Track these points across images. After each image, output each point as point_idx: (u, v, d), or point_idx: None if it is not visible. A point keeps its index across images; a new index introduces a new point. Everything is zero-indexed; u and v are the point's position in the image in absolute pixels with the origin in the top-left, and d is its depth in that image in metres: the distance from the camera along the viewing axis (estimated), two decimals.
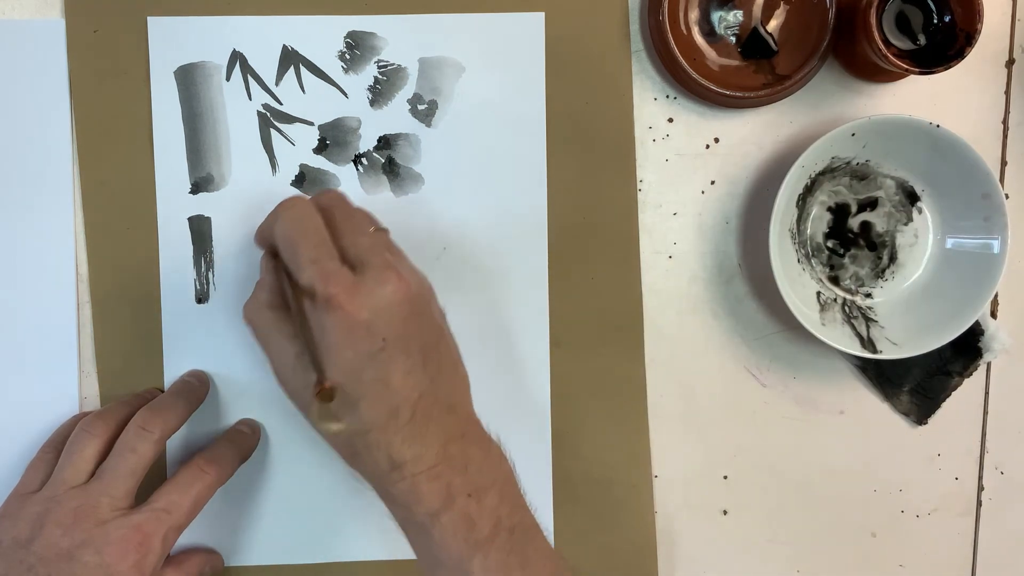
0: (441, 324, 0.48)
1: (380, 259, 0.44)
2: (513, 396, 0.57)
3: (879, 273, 0.57)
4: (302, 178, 0.56)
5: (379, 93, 0.55)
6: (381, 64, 0.55)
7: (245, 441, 0.55)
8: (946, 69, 0.51)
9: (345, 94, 0.55)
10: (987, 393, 0.59)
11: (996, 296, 0.58)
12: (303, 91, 0.55)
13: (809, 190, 0.56)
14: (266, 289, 0.47)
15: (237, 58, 0.55)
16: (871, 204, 0.57)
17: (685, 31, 0.55)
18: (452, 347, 0.48)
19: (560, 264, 0.56)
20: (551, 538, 0.56)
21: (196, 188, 0.55)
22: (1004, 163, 0.58)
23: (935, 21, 0.53)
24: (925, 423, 0.59)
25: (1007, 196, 0.57)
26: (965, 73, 0.57)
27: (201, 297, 0.56)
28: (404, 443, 0.44)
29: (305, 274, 0.43)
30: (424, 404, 0.45)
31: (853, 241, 0.57)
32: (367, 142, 0.56)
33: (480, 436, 0.48)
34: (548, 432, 0.57)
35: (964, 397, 0.59)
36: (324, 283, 0.43)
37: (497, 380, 0.56)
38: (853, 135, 0.53)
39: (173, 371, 0.55)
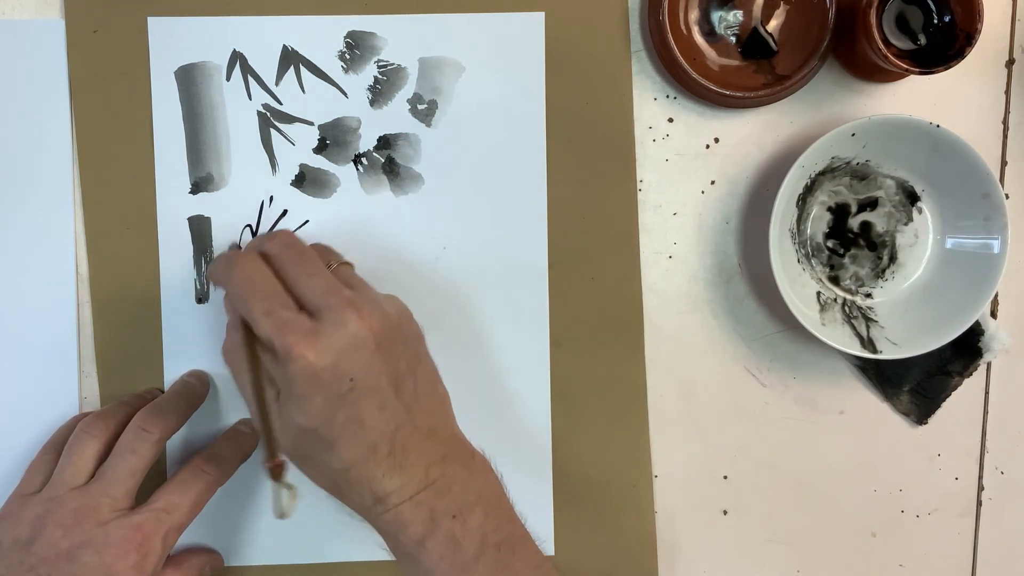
0: (416, 348, 0.47)
1: (338, 299, 0.44)
2: (513, 396, 0.57)
3: (879, 273, 0.57)
4: (302, 178, 0.56)
5: (379, 93, 0.55)
6: (381, 64, 0.55)
7: (245, 441, 0.55)
8: (946, 69, 0.51)
9: (345, 94, 0.55)
10: (987, 393, 0.59)
11: (996, 296, 0.58)
12: (303, 91, 0.55)
13: (809, 190, 0.56)
14: (237, 328, 0.46)
15: (237, 58, 0.55)
16: (871, 204, 0.57)
17: (685, 31, 0.55)
18: (429, 369, 0.48)
19: (560, 264, 0.56)
20: (551, 539, 0.57)
21: (196, 188, 0.55)
22: (1004, 163, 0.58)
23: (935, 21, 0.53)
24: (925, 423, 0.59)
25: (1007, 196, 0.57)
26: (965, 73, 0.57)
27: (201, 297, 0.56)
28: (385, 476, 0.44)
29: (261, 327, 0.43)
30: (402, 435, 0.45)
31: (853, 241, 0.57)
32: (367, 142, 0.56)
33: (462, 454, 0.47)
34: (548, 432, 0.57)
35: (964, 397, 0.59)
36: (281, 334, 0.42)
37: (497, 380, 0.56)
38: (853, 135, 0.53)
39: (173, 371, 0.55)
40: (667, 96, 0.57)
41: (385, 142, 0.56)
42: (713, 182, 0.57)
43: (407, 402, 0.45)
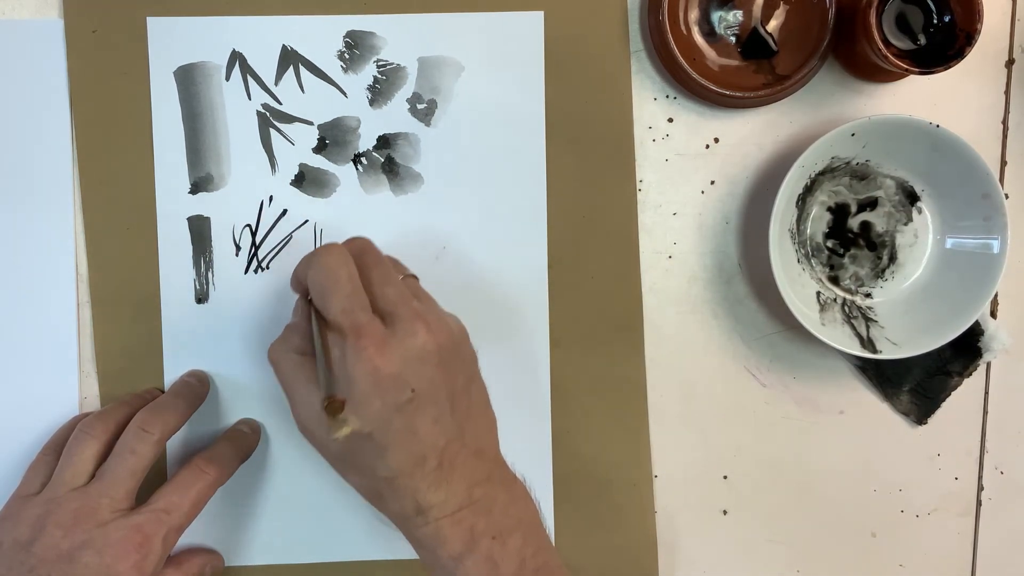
0: (471, 368, 0.48)
1: (409, 310, 0.45)
2: (513, 396, 0.56)
3: (879, 273, 0.57)
4: (302, 178, 0.55)
5: (378, 92, 0.55)
6: (380, 63, 0.55)
7: (245, 441, 0.55)
8: (946, 69, 0.51)
9: (344, 94, 0.55)
10: (987, 393, 0.59)
11: (996, 296, 0.58)
12: (302, 91, 0.55)
13: (809, 190, 0.56)
14: (298, 334, 0.47)
15: (237, 58, 0.55)
16: (871, 204, 0.57)
17: (685, 31, 0.55)
18: (481, 390, 0.49)
19: (560, 264, 0.56)
20: (551, 539, 0.57)
21: (196, 188, 0.55)
22: (1004, 163, 0.58)
23: (935, 21, 0.53)
24: (925, 423, 0.59)
25: (1007, 196, 0.57)
26: (965, 73, 0.57)
27: (201, 297, 0.55)
28: (430, 489, 0.45)
29: (336, 323, 0.44)
30: (451, 450, 0.45)
31: (853, 241, 0.57)
32: (366, 141, 0.56)
33: (505, 477, 0.48)
34: (548, 432, 0.57)
35: (964, 397, 0.59)
36: (355, 336, 0.43)
37: (497, 380, 0.56)
38: (853, 135, 0.53)
39: (173, 371, 0.55)
40: (667, 96, 0.57)
41: (385, 142, 0.56)
42: (713, 182, 0.57)
43: (460, 419, 0.46)
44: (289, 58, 0.55)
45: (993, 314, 0.59)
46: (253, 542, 0.57)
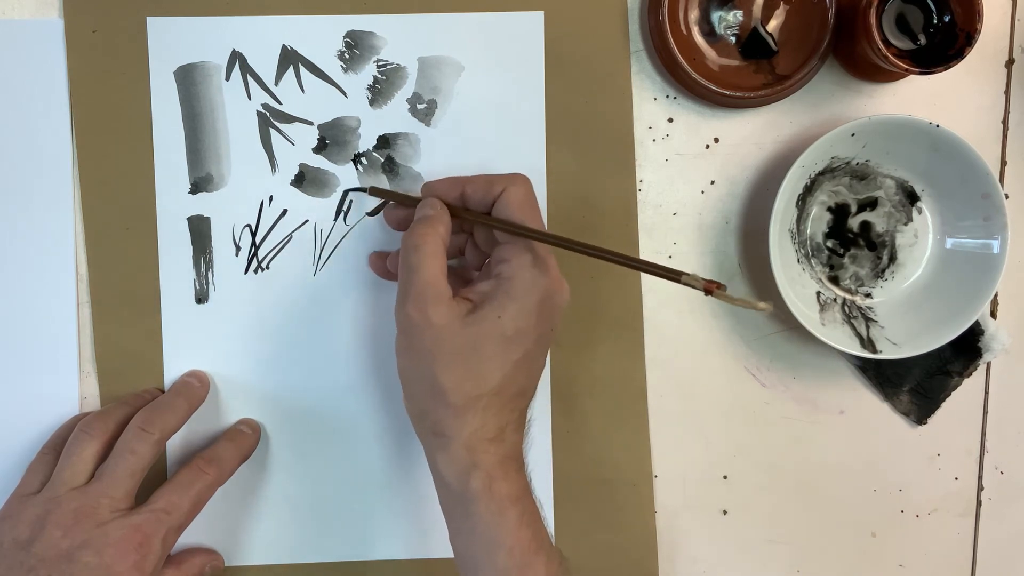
0: None
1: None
2: None
3: (879, 273, 0.57)
4: (301, 178, 0.55)
5: (378, 92, 0.55)
6: (380, 63, 0.55)
7: (245, 441, 0.55)
8: (946, 69, 0.51)
9: (344, 93, 0.55)
10: (987, 393, 0.59)
11: (996, 296, 0.58)
12: (302, 91, 0.55)
13: (809, 190, 0.56)
14: (444, 226, 0.48)
15: (236, 58, 0.55)
16: (871, 204, 0.57)
17: (685, 31, 0.55)
18: None
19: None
20: (552, 539, 0.57)
21: (195, 188, 0.55)
22: (1004, 163, 0.58)
23: (935, 21, 0.53)
24: (925, 423, 0.59)
25: (1007, 196, 0.57)
26: (965, 73, 0.57)
27: (201, 297, 0.55)
28: (510, 426, 0.47)
29: (543, 251, 0.48)
30: (526, 408, 0.48)
31: (853, 241, 0.57)
32: (366, 141, 0.56)
33: None
34: (548, 432, 0.57)
35: (964, 397, 0.59)
36: (547, 258, 0.48)
37: None
38: (853, 135, 0.53)
39: (173, 371, 0.55)
40: (667, 96, 0.57)
41: (384, 141, 0.56)
42: (713, 182, 0.57)
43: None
44: (289, 58, 0.55)
45: (993, 314, 0.59)
46: (253, 542, 0.57)
